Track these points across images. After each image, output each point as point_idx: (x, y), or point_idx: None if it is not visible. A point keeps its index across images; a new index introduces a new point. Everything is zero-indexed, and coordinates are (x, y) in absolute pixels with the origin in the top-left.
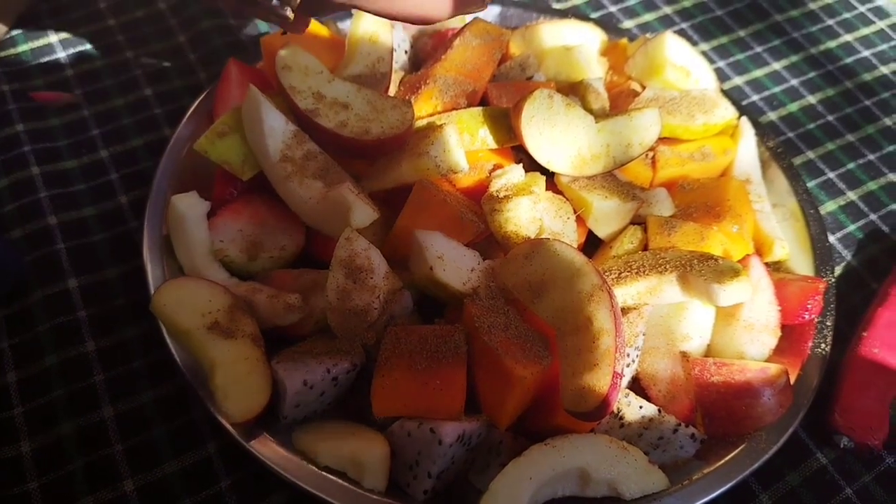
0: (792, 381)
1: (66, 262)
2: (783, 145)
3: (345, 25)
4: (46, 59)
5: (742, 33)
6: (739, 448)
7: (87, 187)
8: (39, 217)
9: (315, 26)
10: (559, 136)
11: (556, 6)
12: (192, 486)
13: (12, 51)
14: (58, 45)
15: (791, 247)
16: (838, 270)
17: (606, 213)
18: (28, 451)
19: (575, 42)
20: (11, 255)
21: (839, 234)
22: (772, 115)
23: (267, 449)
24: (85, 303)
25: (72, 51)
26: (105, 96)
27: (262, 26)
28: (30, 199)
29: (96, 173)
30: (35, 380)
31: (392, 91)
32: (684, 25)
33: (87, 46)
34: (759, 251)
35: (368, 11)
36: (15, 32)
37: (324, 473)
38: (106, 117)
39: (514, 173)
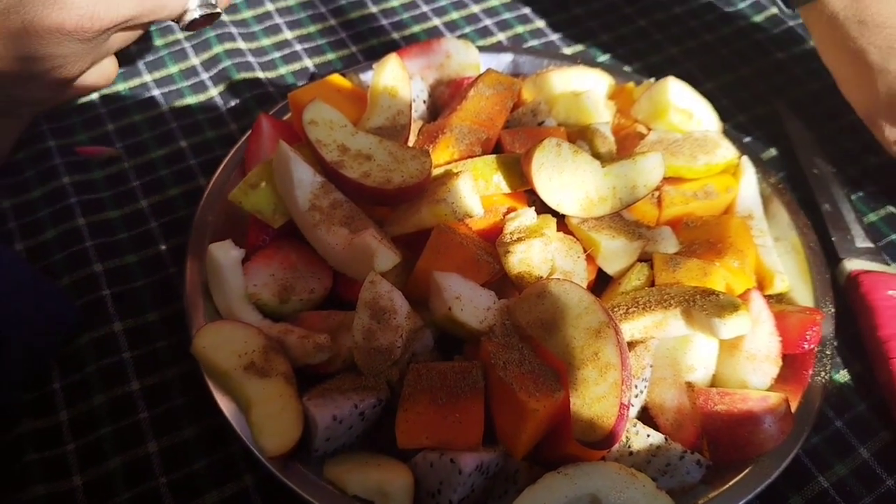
0: (794, 407)
1: (111, 307)
2: (784, 181)
3: (367, 77)
4: (89, 114)
5: (744, 72)
6: (743, 473)
7: (129, 236)
8: (86, 265)
9: (338, 79)
10: (568, 180)
11: (566, 51)
12: None
13: (57, 108)
14: (99, 101)
15: (792, 279)
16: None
17: (614, 252)
18: (80, 485)
19: (584, 88)
20: (67, 304)
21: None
22: (773, 151)
23: (300, 480)
24: (129, 345)
25: (112, 106)
26: (144, 149)
27: (290, 78)
28: (77, 247)
29: (137, 222)
30: (85, 418)
31: (412, 138)
32: (689, 65)
33: (126, 102)
34: (761, 284)
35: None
36: None
37: (353, 502)
38: (145, 169)
39: (527, 216)
